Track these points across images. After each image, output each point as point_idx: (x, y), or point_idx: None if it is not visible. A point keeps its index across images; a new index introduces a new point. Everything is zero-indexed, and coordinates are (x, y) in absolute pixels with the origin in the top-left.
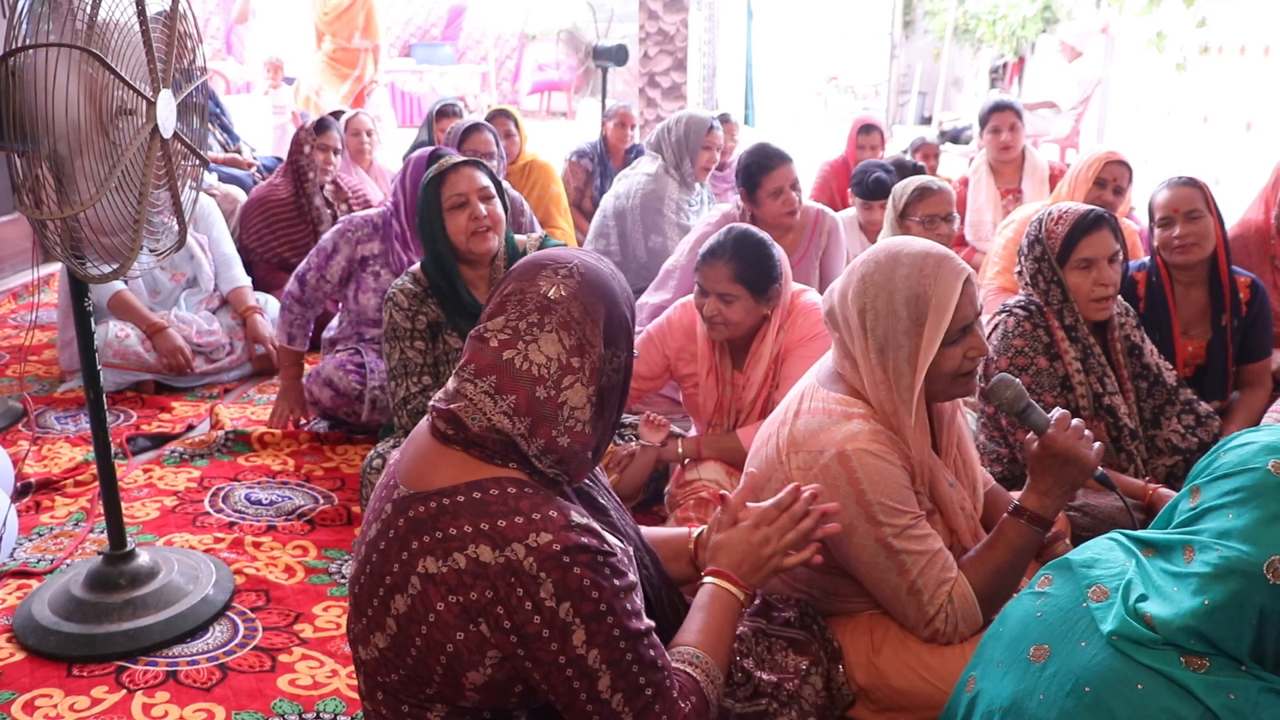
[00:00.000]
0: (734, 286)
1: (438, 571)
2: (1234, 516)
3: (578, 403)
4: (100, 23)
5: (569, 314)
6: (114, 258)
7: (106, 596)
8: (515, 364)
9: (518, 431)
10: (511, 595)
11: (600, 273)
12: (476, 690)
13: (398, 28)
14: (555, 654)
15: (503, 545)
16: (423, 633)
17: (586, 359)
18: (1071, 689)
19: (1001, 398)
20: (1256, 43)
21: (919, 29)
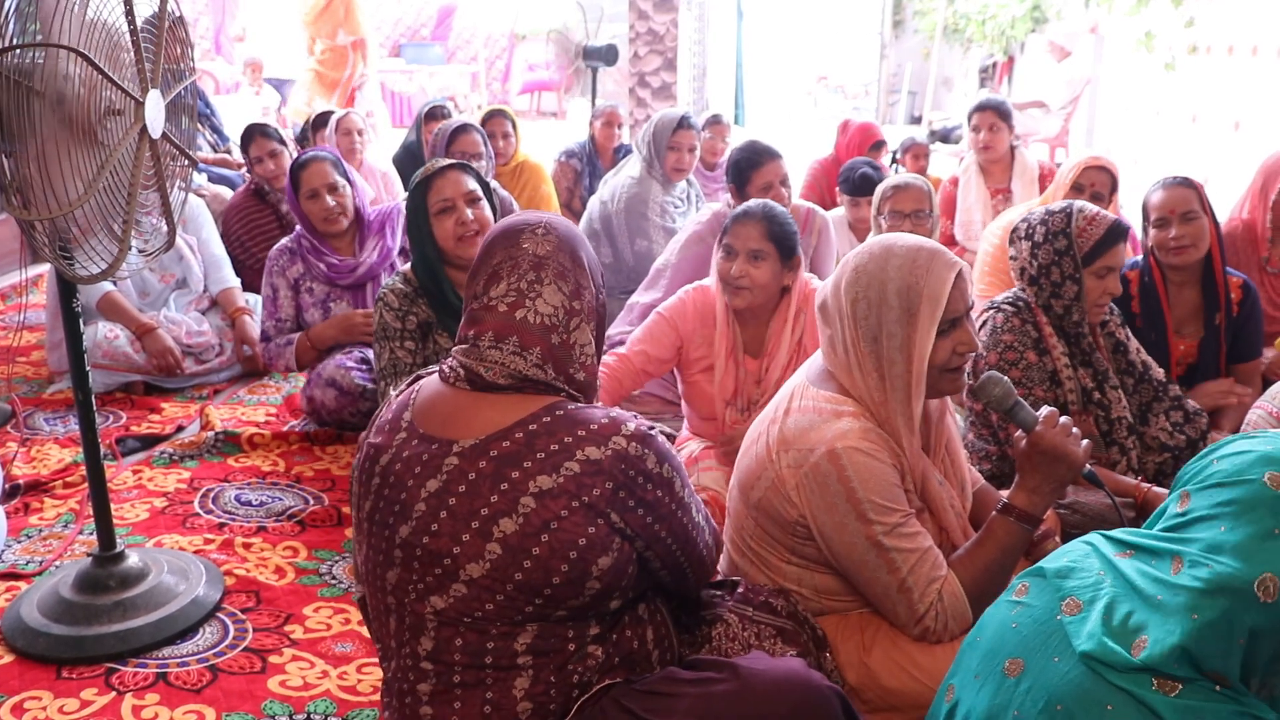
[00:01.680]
0: (765, 244)
1: (554, 485)
2: (1226, 530)
3: (585, 340)
4: (88, 22)
5: (560, 264)
6: (102, 258)
7: (96, 598)
8: (529, 320)
9: (549, 376)
10: (627, 477)
11: (567, 224)
12: (601, 576)
13: (387, 27)
14: (671, 506)
15: (604, 441)
16: (543, 541)
17: (584, 300)
18: (1044, 706)
19: (990, 395)
20: (1244, 42)
21: (909, 29)
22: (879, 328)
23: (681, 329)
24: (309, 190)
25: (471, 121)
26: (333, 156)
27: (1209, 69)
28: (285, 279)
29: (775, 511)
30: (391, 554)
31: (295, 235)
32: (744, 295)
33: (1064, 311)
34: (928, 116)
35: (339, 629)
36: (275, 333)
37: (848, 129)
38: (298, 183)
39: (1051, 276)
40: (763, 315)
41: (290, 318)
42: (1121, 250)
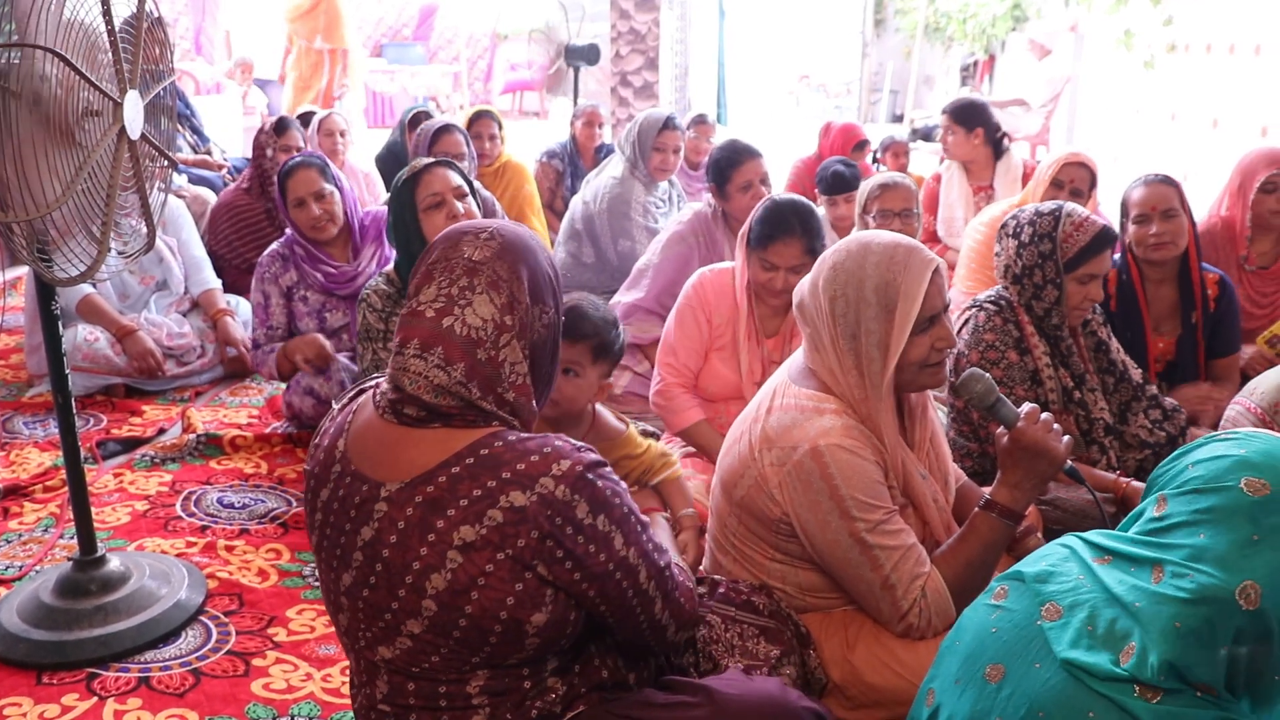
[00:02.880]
0: (806, 259)
1: (478, 536)
2: (1206, 538)
3: (515, 359)
4: (65, 22)
5: (495, 273)
6: (81, 260)
7: (77, 603)
8: (456, 330)
9: (474, 395)
10: (553, 526)
11: (519, 233)
12: (539, 633)
13: (369, 27)
14: (605, 563)
15: (531, 485)
16: (473, 599)
17: (516, 315)
18: (1026, 713)
19: (971, 392)
20: (1222, 41)
21: (890, 27)
22: (858, 325)
23: (704, 311)
24: (295, 198)
25: (454, 122)
26: (320, 162)
27: (1188, 67)
28: (277, 286)
29: (758, 509)
30: (339, 600)
31: (287, 241)
32: (781, 297)
33: (1044, 314)
34: (909, 115)
35: (322, 631)
36: (266, 340)
37: (830, 131)
38: (285, 190)
39: (1034, 278)
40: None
41: (282, 325)
42: (1107, 258)
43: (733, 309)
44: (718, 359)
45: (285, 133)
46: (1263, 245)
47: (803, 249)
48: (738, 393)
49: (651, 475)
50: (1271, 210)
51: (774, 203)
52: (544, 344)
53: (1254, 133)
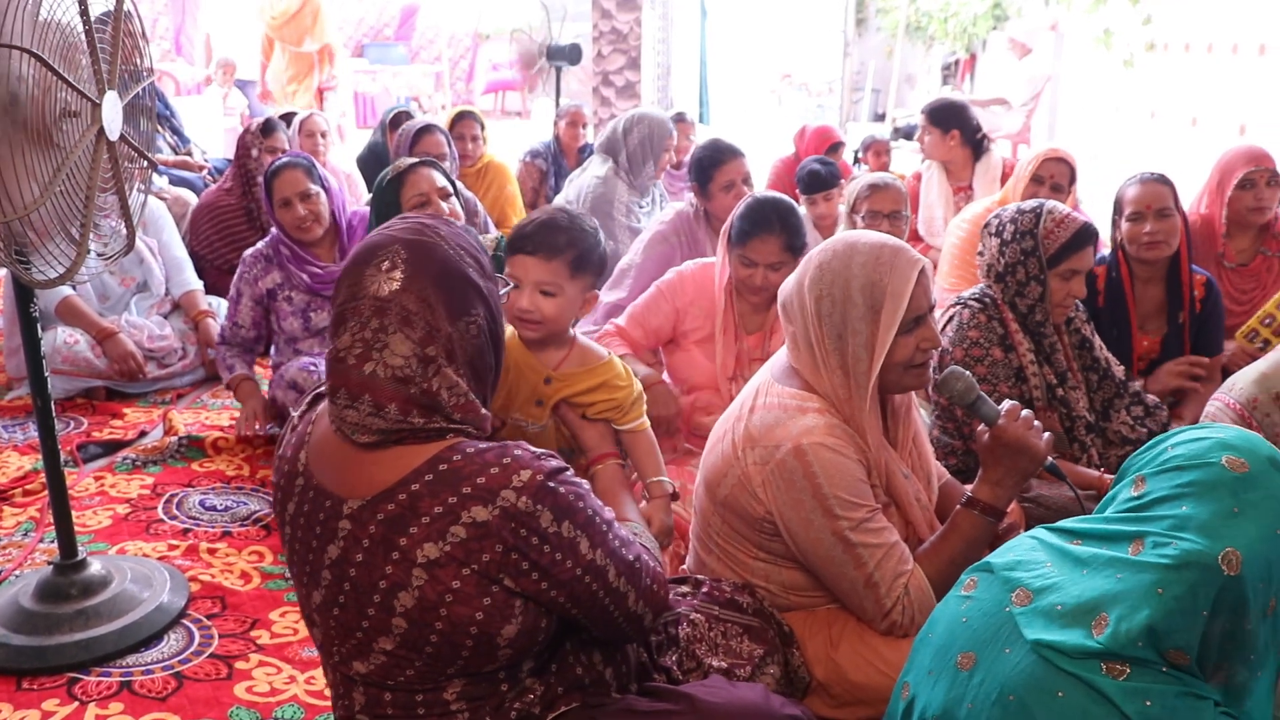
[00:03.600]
0: (785, 255)
1: (442, 553)
2: (1188, 509)
3: (450, 383)
4: (41, 23)
5: (404, 309)
6: (60, 262)
7: (57, 607)
8: (379, 375)
9: (419, 424)
10: (518, 538)
11: (424, 246)
12: (511, 643)
13: (350, 27)
14: (572, 569)
15: (492, 499)
16: (443, 615)
17: (438, 343)
18: (998, 697)
19: (952, 390)
20: (1201, 40)
21: (871, 26)
22: (844, 325)
23: (677, 302)
24: (281, 198)
25: (435, 122)
26: (307, 162)
27: (1166, 66)
28: (253, 289)
29: (742, 508)
30: (311, 615)
31: (272, 241)
32: (764, 294)
33: (1028, 311)
34: (891, 114)
35: (305, 634)
36: (230, 337)
37: (804, 134)
38: (271, 190)
39: (1016, 276)
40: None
41: (247, 326)
42: (1089, 254)
43: (712, 303)
44: (697, 349)
45: (271, 134)
46: (1241, 242)
47: (781, 245)
48: (714, 383)
49: (624, 417)
50: (1249, 207)
51: (755, 200)
52: (482, 349)
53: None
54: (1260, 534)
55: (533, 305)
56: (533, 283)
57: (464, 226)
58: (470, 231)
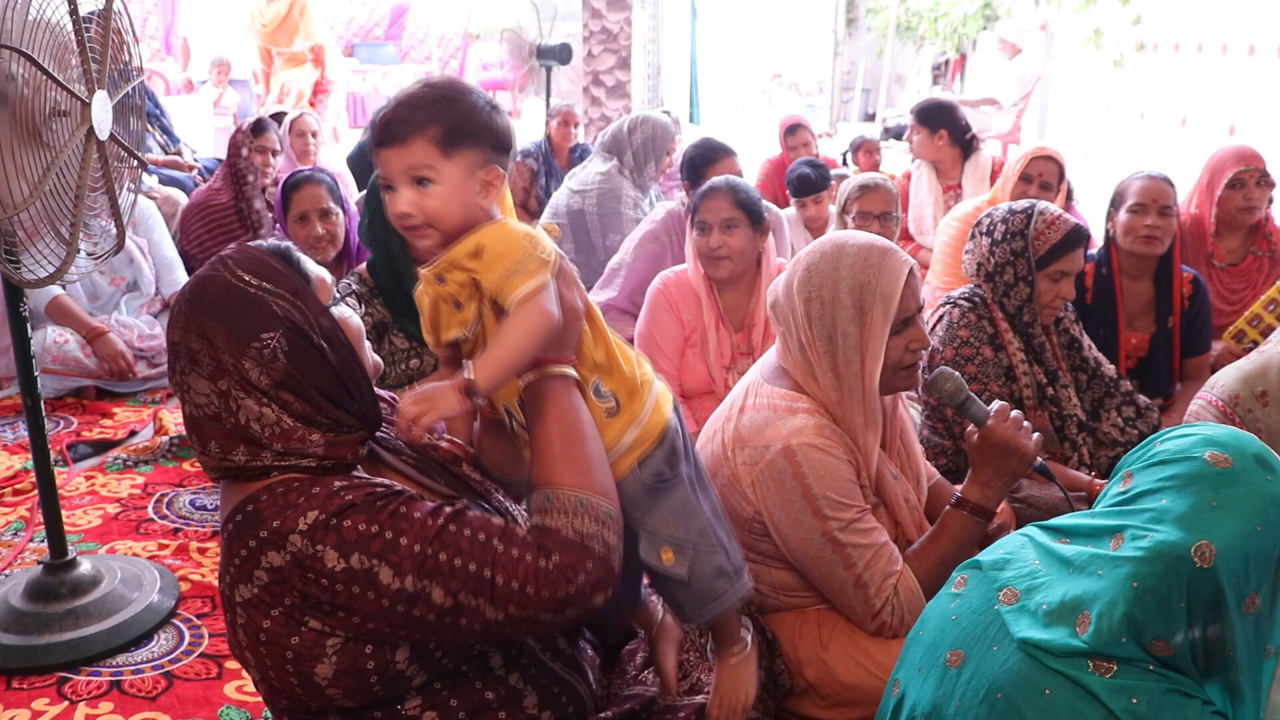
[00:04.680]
0: (735, 211)
1: (252, 595)
2: (1168, 501)
3: (256, 415)
4: (30, 22)
5: (190, 350)
6: (50, 261)
7: (47, 606)
8: (195, 415)
9: (244, 461)
10: (309, 583)
11: (201, 282)
12: (333, 684)
13: (340, 27)
14: (376, 600)
15: (282, 543)
16: (265, 654)
17: (229, 377)
18: (985, 695)
19: (942, 390)
20: (1190, 40)
21: (862, 26)
22: (834, 327)
23: (675, 310)
24: (299, 213)
25: None
26: (330, 180)
27: (1156, 66)
28: None
29: (731, 508)
30: None
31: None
32: (725, 265)
33: (1016, 310)
34: (881, 114)
35: None
36: None
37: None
38: (288, 203)
39: (1005, 276)
40: (742, 286)
41: None
42: (1079, 256)
43: (697, 303)
44: (691, 354)
45: (263, 134)
46: (1231, 242)
47: (731, 202)
48: (710, 387)
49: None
50: (1239, 207)
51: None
52: (295, 370)
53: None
54: (1238, 529)
55: (411, 205)
56: (402, 177)
57: (270, 246)
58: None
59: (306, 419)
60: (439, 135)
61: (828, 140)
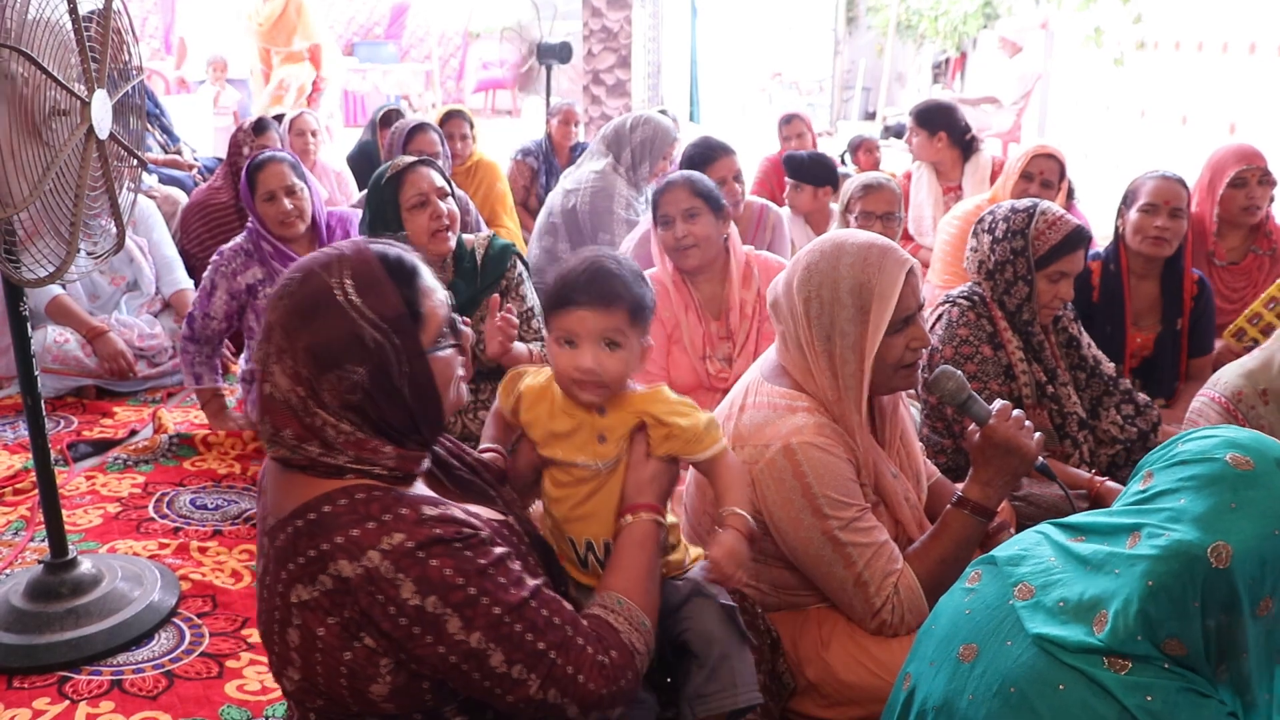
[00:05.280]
0: (695, 200)
1: (310, 598)
2: (1186, 501)
3: (334, 423)
4: (30, 21)
5: (280, 346)
6: (50, 261)
7: (48, 606)
8: (275, 397)
9: (317, 454)
10: (375, 604)
11: (307, 297)
12: (387, 700)
13: (340, 26)
14: (433, 646)
15: (359, 555)
16: (319, 660)
17: (304, 385)
18: (999, 689)
19: (943, 389)
20: (1190, 38)
21: (862, 25)
22: (832, 326)
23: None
24: (266, 192)
25: (428, 121)
26: (291, 158)
27: (1157, 64)
28: (231, 282)
29: None
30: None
31: (252, 236)
32: (693, 254)
33: (1015, 309)
34: (881, 112)
35: None
36: (201, 328)
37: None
38: (254, 183)
39: (1005, 274)
40: (714, 273)
41: (219, 319)
42: (1079, 258)
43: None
44: (676, 350)
45: (263, 133)
46: (1232, 241)
47: (689, 192)
48: (698, 381)
49: (698, 446)
50: (1241, 206)
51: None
52: (367, 404)
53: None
54: (1257, 531)
55: (596, 363)
56: (593, 337)
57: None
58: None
59: (378, 433)
60: (632, 308)
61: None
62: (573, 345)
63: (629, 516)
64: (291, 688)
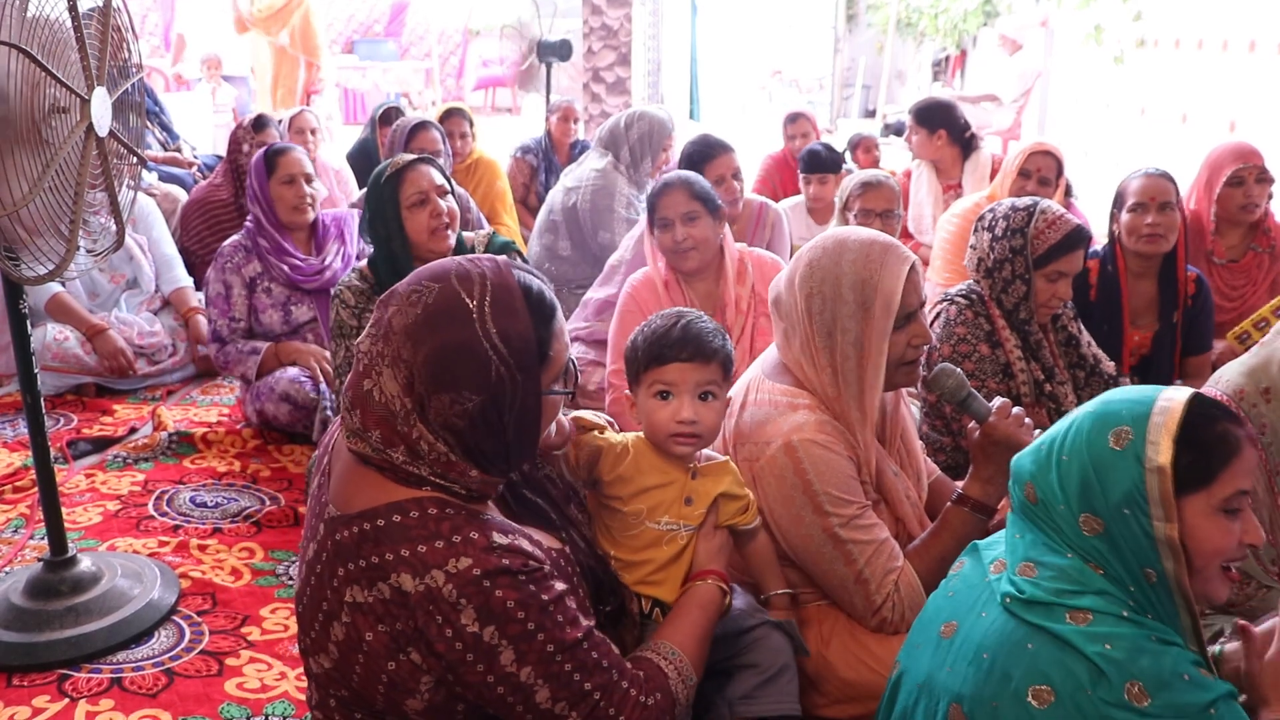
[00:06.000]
0: (693, 204)
1: (365, 601)
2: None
3: (428, 439)
4: (29, 19)
5: (399, 352)
6: (49, 259)
7: (47, 604)
8: (374, 397)
9: (399, 461)
10: (432, 624)
11: (446, 311)
12: (420, 715)
13: (340, 23)
14: (483, 675)
15: (423, 573)
16: (360, 661)
17: (414, 399)
18: (973, 657)
19: (943, 387)
20: (1190, 36)
21: (862, 23)
22: (834, 323)
23: (645, 314)
24: (287, 175)
25: (430, 119)
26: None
27: (1157, 62)
28: (240, 276)
29: None
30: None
31: (249, 233)
32: (693, 256)
33: (1013, 308)
34: (882, 110)
35: (296, 630)
36: (230, 334)
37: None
38: (274, 166)
39: (1003, 273)
40: (710, 273)
41: (244, 317)
42: (1078, 257)
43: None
44: None
45: (264, 130)
46: (1231, 239)
47: (688, 195)
48: None
49: (748, 515)
50: (1239, 205)
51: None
52: (469, 431)
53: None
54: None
55: (696, 414)
56: (691, 389)
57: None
58: (540, 301)
59: (467, 456)
60: (724, 361)
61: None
62: (671, 398)
63: (699, 581)
64: (319, 671)
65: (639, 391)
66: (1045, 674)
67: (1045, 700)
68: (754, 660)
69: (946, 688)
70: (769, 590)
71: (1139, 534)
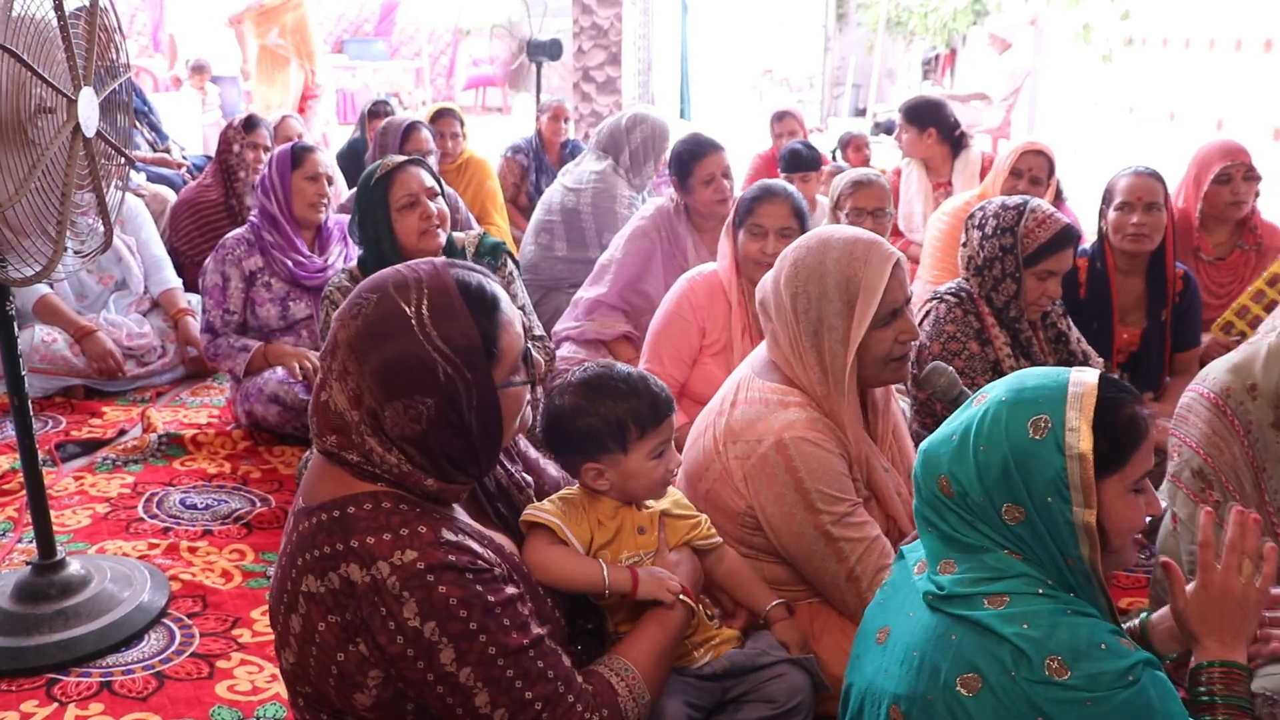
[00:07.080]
0: (793, 222)
1: (317, 591)
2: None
3: (380, 451)
4: (14, 19)
5: (345, 365)
6: (37, 260)
7: (36, 608)
8: (329, 406)
9: (355, 461)
10: (376, 615)
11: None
12: (369, 711)
13: (330, 23)
14: (423, 672)
15: (369, 563)
16: (314, 654)
17: (364, 410)
18: (904, 657)
19: (935, 385)
20: (1178, 35)
21: (852, 22)
22: (820, 321)
23: (697, 313)
24: (312, 171)
25: (420, 119)
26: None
27: (1145, 61)
28: (240, 269)
29: (723, 502)
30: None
31: (254, 228)
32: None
33: (1003, 306)
34: (872, 109)
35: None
36: (223, 326)
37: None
38: (300, 160)
39: (993, 271)
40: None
41: (239, 311)
42: (1067, 256)
43: (725, 309)
44: (712, 362)
45: (254, 130)
46: (1218, 236)
47: (790, 210)
48: None
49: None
50: (1226, 202)
51: (761, 180)
52: (430, 436)
53: (1210, 125)
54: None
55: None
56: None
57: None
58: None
59: (423, 469)
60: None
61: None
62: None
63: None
64: (286, 667)
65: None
66: (971, 662)
67: (974, 688)
68: (769, 695)
69: (885, 690)
70: (762, 607)
71: (1060, 521)
